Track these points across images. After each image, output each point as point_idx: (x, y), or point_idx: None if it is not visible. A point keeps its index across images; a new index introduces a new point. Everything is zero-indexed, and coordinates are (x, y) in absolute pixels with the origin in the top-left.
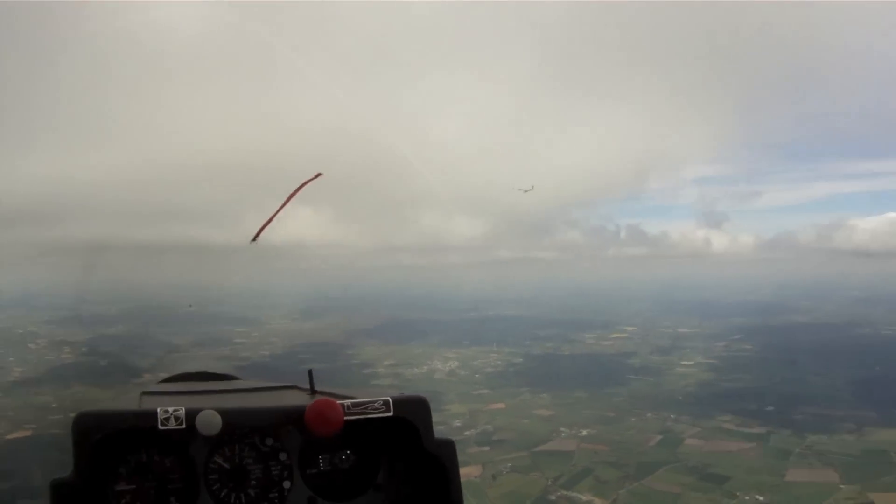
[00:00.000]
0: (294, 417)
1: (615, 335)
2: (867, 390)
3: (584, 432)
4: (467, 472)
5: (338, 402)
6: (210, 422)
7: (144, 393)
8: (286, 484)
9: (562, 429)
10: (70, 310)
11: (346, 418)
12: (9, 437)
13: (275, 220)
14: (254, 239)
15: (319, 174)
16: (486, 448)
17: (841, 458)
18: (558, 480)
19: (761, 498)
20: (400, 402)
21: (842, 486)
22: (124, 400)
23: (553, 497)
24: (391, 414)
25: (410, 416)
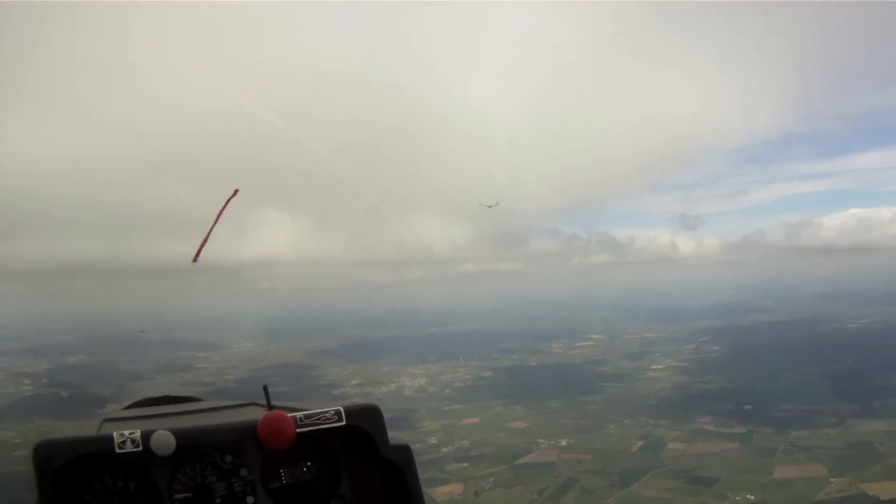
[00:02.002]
0: (247, 432)
1: (582, 343)
2: (843, 384)
3: (564, 442)
4: (449, 490)
5: (289, 414)
6: (163, 442)
7: (105, 420)
8: (250, 500)
9: (539, 440)
10: (28, 341)
11: (298, 430)
12: None
13: (210, 239)
14: (194, 259)
15: (237, 190)
16: (465, 464)
17: (826, 451)
18: (544, 493)
19: (752, 497)
20: (352, 412)
21: (831, 480)
22: (85, 428)
23: None
24: (344, 423)
25: (364, 424)
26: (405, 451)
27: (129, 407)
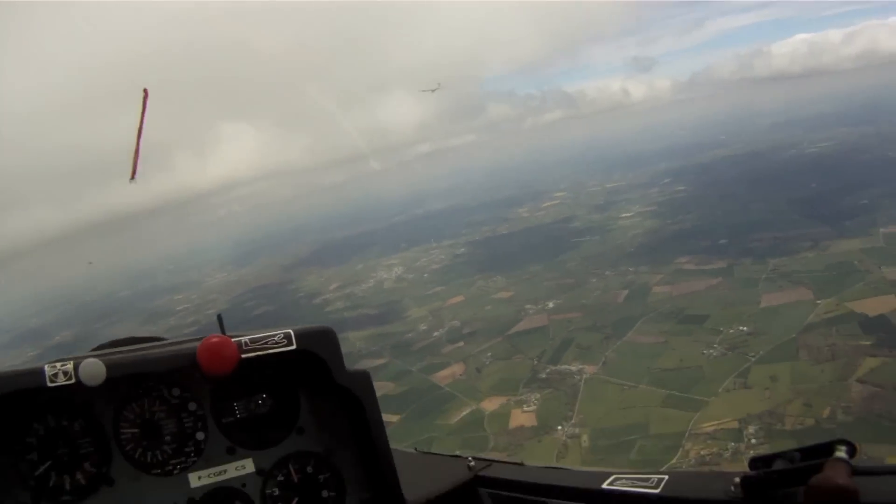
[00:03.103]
0: (186, 359)
1: (547, 204)
2: (811, 207)
3: (551, 304)
4: (451, 373)
5: (233, 338)
6: (91, 371)
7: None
8: (200, 435)
9: (527, 306)
10: (7, 333)
11: (243, 356)
12: None
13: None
14: (131, 178)
15: (146, 90)
16: (461, 344)
17: (808, 275)
18: (542, 357)
19: (745, 328)
20: (303, 335)
21: (818, 302)
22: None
23: (543, 375)
24: (294, 348)
25: (317, 349)
26: (363, 378)
27: (93, 350)
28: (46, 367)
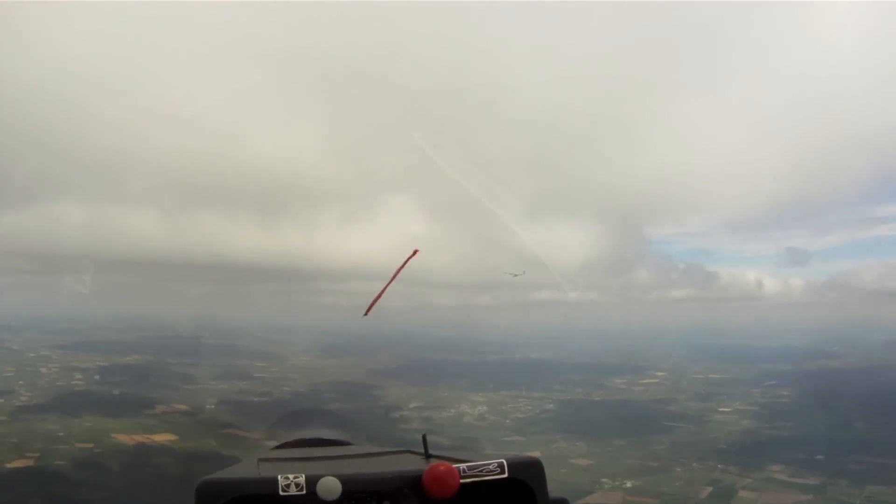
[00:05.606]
0: (411, 481)
1: (646, 380)
2: None
3: (629, 484)
4: None
5: (454, 465)
6: (330, 488)
7: (262, 459)
8: None
9: (603, 480)
10: (82, 335)
11: (461, 481)
12: (9, 465)
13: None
14: (365, 313)
15: (417, 251)
16: None
17: None
18: None
19: None
20: (514, 465)
21: None
22: (242, 467)
23: None
24: (506, 476)
25: (524, 477)
26: None
27: (280, 447)
28: (280, 478)
